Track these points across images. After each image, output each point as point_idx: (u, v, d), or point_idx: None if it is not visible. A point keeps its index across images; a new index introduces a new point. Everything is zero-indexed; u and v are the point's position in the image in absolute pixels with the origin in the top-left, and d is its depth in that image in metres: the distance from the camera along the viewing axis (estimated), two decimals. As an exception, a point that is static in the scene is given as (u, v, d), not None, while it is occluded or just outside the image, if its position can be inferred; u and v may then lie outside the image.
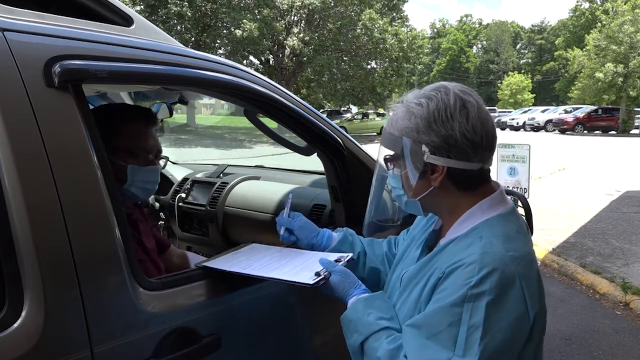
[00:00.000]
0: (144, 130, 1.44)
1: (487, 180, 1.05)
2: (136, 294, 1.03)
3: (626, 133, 26.77)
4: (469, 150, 0.97)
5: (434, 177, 1.00)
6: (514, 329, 0.89)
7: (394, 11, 28.32)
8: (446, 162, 0.98)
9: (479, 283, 0.89)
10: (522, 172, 5.21)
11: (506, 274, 0.90)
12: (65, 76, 0.98)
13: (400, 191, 1.08)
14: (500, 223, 1.00)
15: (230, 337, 1.21)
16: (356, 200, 1.71)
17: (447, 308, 0.90)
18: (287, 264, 1.27)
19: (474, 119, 0.97)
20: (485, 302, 0.88)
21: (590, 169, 11.66)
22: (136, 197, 1.45)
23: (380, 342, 0.99)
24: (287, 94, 1.51)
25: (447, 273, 0.94)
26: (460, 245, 0.99)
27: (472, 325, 0.88)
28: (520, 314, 0.90)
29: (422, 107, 0.98)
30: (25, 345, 0.87)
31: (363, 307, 1.06)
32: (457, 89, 1.00)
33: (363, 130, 26.60)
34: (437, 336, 0.90)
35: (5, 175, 0.88)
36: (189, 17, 20.71)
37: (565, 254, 5.00)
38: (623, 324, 3.58)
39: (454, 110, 0.96)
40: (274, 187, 2.43)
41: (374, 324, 1.02)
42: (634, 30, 25.80)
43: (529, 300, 0.91)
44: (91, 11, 1.22)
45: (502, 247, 0.93)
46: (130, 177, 1.40)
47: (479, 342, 0.86)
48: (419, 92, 1.03)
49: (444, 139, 0.96)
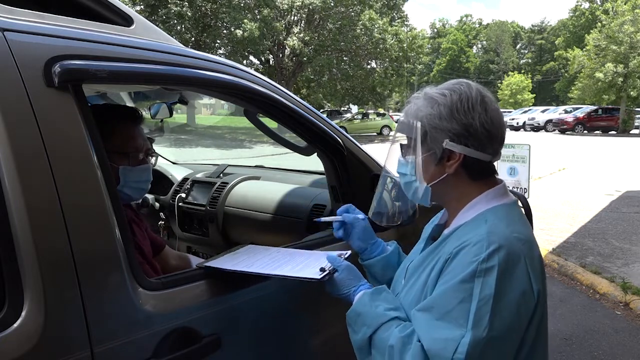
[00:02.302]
0: (131, 130, 1.43)
1: (494, 173, 1.10)
2: (136, 294, 1.03)
3: (626, 133, 26.76)
4: (486, 140, 1.02)
5: (450, 163, 1.04)
6: (520, 304, 0.92)
7: (394, 11, 28.33)
8: (463, 149, 1.02)
9: (488, 258, 0.92)
10: (522, 172, 5.22)
11: (512, 250, 0.93)
12: (65, 76, 0.98)
13: (411, 178, 1.09)
14: (504, 210, 1.04)
15: (230, 337, 1.21)
16: (356, 200, 1.72)
17: (457, 285, 0.92)
18: (289, 262, 1.27)
19: (492, 112, 1.03)
20: (495, 276, 0.90)
21: (590, 169, 11.66)
22: (130, 197, 1.45)
23: (390, 331, 1.00)
24: (287, 94, 1.51)
25: (454, 254, 0.97)
26: (466, 230, 1.02)
27: (482, 298, 0.90)
28: (525, 290, 0.93)
29: (445, 97, 1.03)
30: (25, 345, 0.87)
31: (370, 300, 1.07)
32: (477, 85, 1.06)
33: (363, 130, 26.58)
34: (448, 315, 0.91)
35: (5, 175, 0.88)
36: (189, 17, 20.72)
37: (565, 254, 5.00)
38: (623, 324, 3.58)
39: (475, 101, 1.02)
40: (274, 187, 2.43)
41: (383, 315, 1.03)
42: (634, 30, 25.79)
43: (534, 278, 0.94)
44: (91, 11, 1.22)
45: (506, 229, 0.97)
46: (123, 179, 1.39)
47: (489, 315, 0.89)
48: (437, 87, 1.08)
49: (465, 127, 1.01)
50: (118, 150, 1.38)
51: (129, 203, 1.57)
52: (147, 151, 1.47)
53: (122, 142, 1.40)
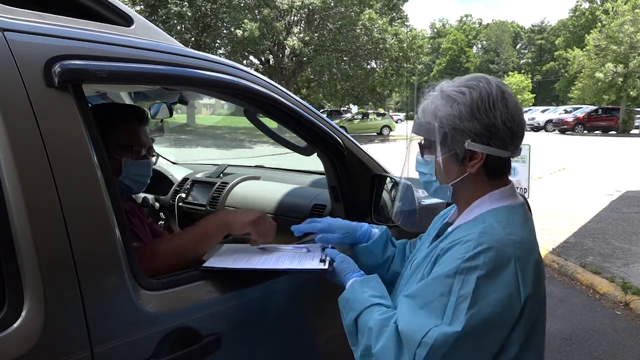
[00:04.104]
0: (137, 127, 1.51)
1: (509, 170, 1.08)
2: (136, 294, 1.03)
3: (626, 133, 26.75)
4: (508, 138, 1.00)
5: (472, 163, 1.02)
6: (504, 306, 0.91)
7: (393, 11, 28.31)
8: (486, 149, 1.00)
9: (473, 257, 0.92)
10: (522, 172, 5.21)
11: (502, 253, 0.93)
12: (65, 76, 0.98)
13: (431, 177, 1.09)
14: (506, 212, 1.02)
15: (230, 337, 1.21)
16: (356, 200, 1.72)
17: (440, 279, 0.95)
18: (282, 257, 1.31)
19: (513, 109, 1.00)
20: (476, 276, 0.91)
21: (590, 169, 11.65)
22: (130, 189, 1.51)
23: (371, 315, 1.04)
24: (287, 94, 1.51)
25: (445, 250, 0.99)
26: (464, 229, 1.02)
27: (461, 295, 0.91)
28: (511, 293, 0.92)
29: (464, 95, 0.99)
30: (25, 345, 0.87)
31: (359, 287, 1.13)
32: (495, 80, 1.02)
33: (363, 130, 26.59)
34: (428, 305, 0.94)
35: (5, 175, 0.88)
36: (189, 17, 20.73)
37: (565, 254, 5.00)
38: (623, 324, 3.58)
39: (496, 99, 0.99)
40: (274, 187, 2.43)
41: (367, 300, 1.08)
42: (634, 30, 25.78)
43: (522, 282, 0.93)
44: (91, 11, 1.21)
45: (502, 231, 0.96)
46: (125, 170, 1.45)
47: (465, 312, 0.90)
48: (453, 82, 1.04)
49: (487, 127, 0.98)
50: (123, 143, 1.46)
51: (129, 196, 1.63)
52: (149, 149, 1.55)
53: (127, 136, 1.47)
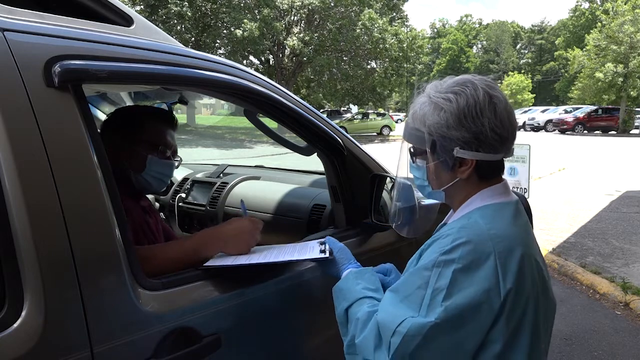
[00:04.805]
0: (166, 129, 1.57)
1: (502, 170, 1.08)
2: (136, 294, 1.03)
3: (626, 133, 26.75)
4: (497, 144, 1.00)
5: (462, 169, 1.03)
6: (481, 300, 0.91)
7: (393, 11, 28.32)
8: (475, 155, 1.00)
9: (450, 251, 0.94)
10: (522, 172, 5.22)
11: (480, 247, 0.93)
12: (65, 76, 0.98)
13: (424, 182, 1.10)
14: (493, 209, 1.02)
15: (230, 337, 1.21)
16: (356, 200, 1.72)
17: (419, 272, 0.97)
18: (282, 251, 1.33)
19: (502, 114, 0.98)
20: (452, 269, 0.92)
21: (590, 169, 11.66)
22: (150, 186, 1.54)
23: (361, 307, 1.07)
24: (287, 94, 1.51)
25: (429, 244, 1.02)
26: (449, 225, 1.04)
27: (437, 288, 0.92)
28: (490, 288, 0.91)
29: (451, 103, 0.98)
30: (25, 345, 0.87)
31: (353, 278, 1.16)
32: (483, 84, 1.00)
33: (363, 130, 26.59)
34: (407, 298, 0.96)
35: (5, 175, 0.88)
36: (189, 17, 20.73)
37: (565, 254, 5.00)
38: (623, 324, 3.58)
39: (484, 106, 0.97)
40: (274, 187, 2.43)
41: (360, 292, 1.11)
42: (634, 30, 25.77)
43: (503, 277, 0.92)
44: (91, 11, 1.21)
45: (484, 226, 0.96)
46: (149, 167, 1.50)
47: (440, 304, 0.91)
48: (441, 85, 1.03)
49: (475, 134, 0.98)
50: (150, 141, 1.51)
51: (146, 194, 1.68)
52: (174, 152, 1.59)
53: (155, 136, 1.52)
